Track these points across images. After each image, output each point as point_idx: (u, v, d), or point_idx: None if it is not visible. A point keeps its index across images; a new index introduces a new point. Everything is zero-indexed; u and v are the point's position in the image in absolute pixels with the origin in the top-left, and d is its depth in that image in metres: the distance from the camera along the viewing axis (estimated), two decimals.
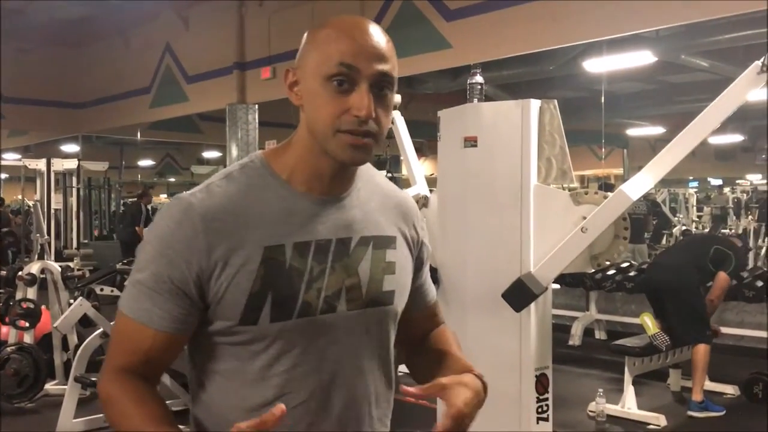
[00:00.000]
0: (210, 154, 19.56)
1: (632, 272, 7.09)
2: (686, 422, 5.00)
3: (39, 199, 9.29)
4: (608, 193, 3.06)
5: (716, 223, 12.56)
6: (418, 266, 1.34)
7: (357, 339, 1.20)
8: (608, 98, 10.67)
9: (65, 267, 6.22)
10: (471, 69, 3.43)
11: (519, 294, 3.01)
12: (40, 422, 4.89)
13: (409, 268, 1.30)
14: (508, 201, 3.07)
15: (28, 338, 5.33)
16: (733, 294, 6.24)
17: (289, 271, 1.14)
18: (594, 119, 10.48)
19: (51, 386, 5.33)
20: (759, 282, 6.31)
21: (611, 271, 7.11)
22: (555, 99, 3.16)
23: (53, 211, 12.32)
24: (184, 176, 21.66)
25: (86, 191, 14.66)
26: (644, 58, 9.24)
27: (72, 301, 5.30)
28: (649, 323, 5.10)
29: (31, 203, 10.50)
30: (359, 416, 1.21)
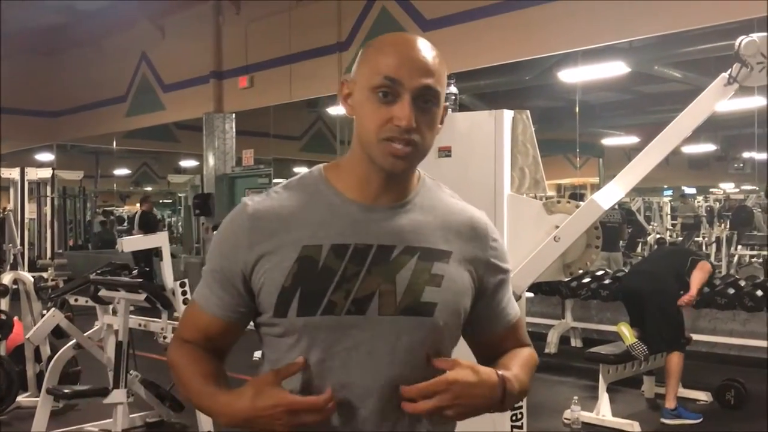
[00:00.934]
0: (187, 163, 19.42)
1: (607, 280, 7.16)
2: (660, 429, 5.05)
3: (12, 209, 9.13)
4: (580, 203, 3.09)
5: (690, 232, 12.55)
6: (485, 288, 1.31)
7: (387, 345, 1.20)
8: (583, 108, 10.78)
9: (38, 277, 6.13)
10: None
11: None
12: None
13: (465, 287, 1.27)
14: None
15: (0, 350, 5.26)
16: (706, 301, 6.33)
17: (322, 271, 1.20)
18: (570, 128, 10.58)
19: (23, 398, 5.26)
20: (731, 289, 6.40)
21: (586, 279, 7.18)
22: (529, 109, 3.18)
23: (27, 221, 12.15)
24: (161, 185, 21.48)
25: (61, 200, 14.52)
26: (618, 69, 9.39)
27: (45, 312, 5.24)
28: (627, 333, 5.14)
29: (4, 213, 10.36)
30: (382, 421, 1.21)
